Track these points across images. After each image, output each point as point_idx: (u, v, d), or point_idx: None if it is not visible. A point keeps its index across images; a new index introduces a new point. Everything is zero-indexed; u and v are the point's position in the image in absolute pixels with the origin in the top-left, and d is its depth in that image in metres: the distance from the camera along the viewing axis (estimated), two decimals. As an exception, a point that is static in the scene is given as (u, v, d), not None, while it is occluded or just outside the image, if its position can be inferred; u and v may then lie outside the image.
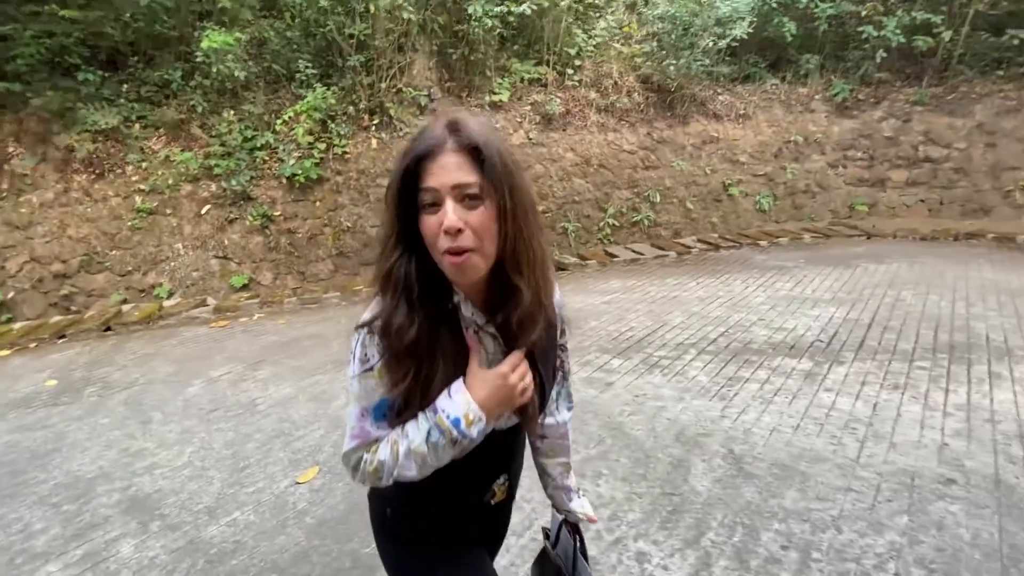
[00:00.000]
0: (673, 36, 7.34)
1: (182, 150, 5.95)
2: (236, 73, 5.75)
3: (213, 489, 2.39)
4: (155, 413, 3.12)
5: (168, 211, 5.84)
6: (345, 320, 4.74)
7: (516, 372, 0.77)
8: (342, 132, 6.22)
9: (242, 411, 3.07)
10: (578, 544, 1.06)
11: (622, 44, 8.10)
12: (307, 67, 6.22)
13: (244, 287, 5.82)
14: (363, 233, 6.25)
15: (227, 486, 2.40)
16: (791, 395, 2.78)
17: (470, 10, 6.09)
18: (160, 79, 6.28)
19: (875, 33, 7.59)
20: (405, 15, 5.66)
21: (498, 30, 6.47)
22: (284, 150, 6.06)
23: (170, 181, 5.84)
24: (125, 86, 6.25)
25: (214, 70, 5.68)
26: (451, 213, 0.69)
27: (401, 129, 6.43)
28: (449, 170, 0.69)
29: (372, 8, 5.57)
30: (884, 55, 7.70)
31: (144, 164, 5.89)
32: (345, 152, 6.25)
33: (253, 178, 6.03)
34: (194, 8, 6.53)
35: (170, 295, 5.62)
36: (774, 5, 7.88)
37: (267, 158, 6.13)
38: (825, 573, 1.65)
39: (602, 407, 2.82)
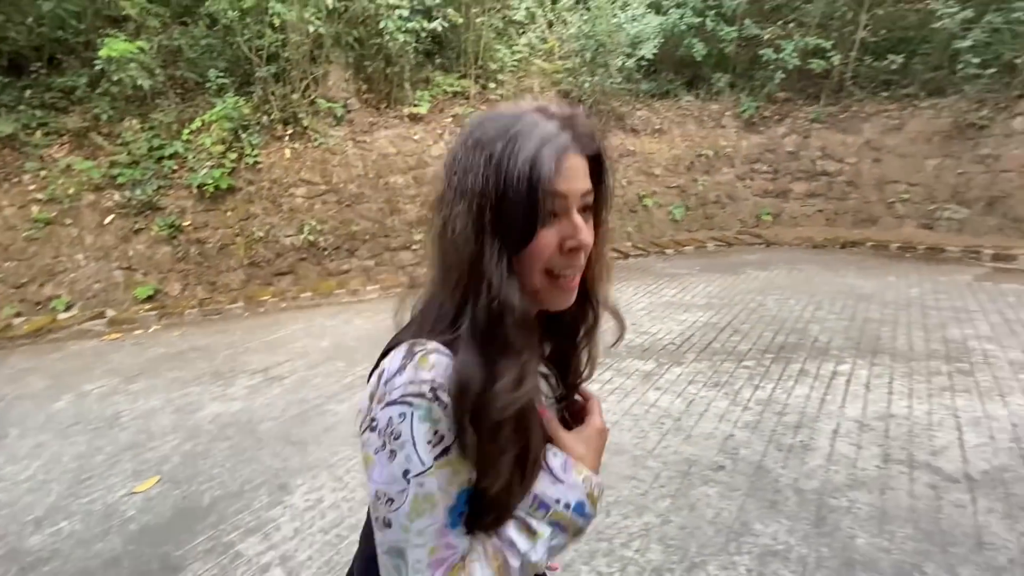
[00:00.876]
0: (588, 54, 7.69)
1: (85, 158, 5.84)
2: (139, 82, 5.69)
3: (48, 501, 2.43)
4: (13, 429, 3.10)
5: (68, 221, 5.71)
6: (240, 332, 4.77)
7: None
8: (254, 142, 6.24)
9: (102, 424, 3.09)
10: None
11: (544, 60, 8.41)
12: (219, 76, 6.21)
13: (149, 298, 5.74)
14: (276, 243, 6.26)
15: (62, 498, 2.44)
16: (624, 394, 3.03)
17: (382, 25, 6.23)
18: (65, 85, 6.15)
19: (774, 56, 8.16)
20: (311, 28, 5.75)
21: (413, 44, 6.63)
22: (194, 159, 6.03)
23: (71, 190, 5.71)
24: (28, 92, 6.09)
25: (115, 78, 5.61)
26: (584, 226, 0.57)
27: (315, 139, 6.50)
28: (579, 174, 0.57)
29: (277, 21, 5.63)
30: (783, 76, 8.28)
31: (43, 173, 5.74)
32: (257, 162, 6.27)
33: (161, 187, 5.97)
34: (107, 13, 6.42)
35: (68, 307, 5.49)
36: (684, 27, 8.36)
37: (177, 167, 6.08)
38: (578, 551, 1.86)
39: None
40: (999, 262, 5.72)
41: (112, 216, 5.84)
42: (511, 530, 0.57)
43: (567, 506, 0.58)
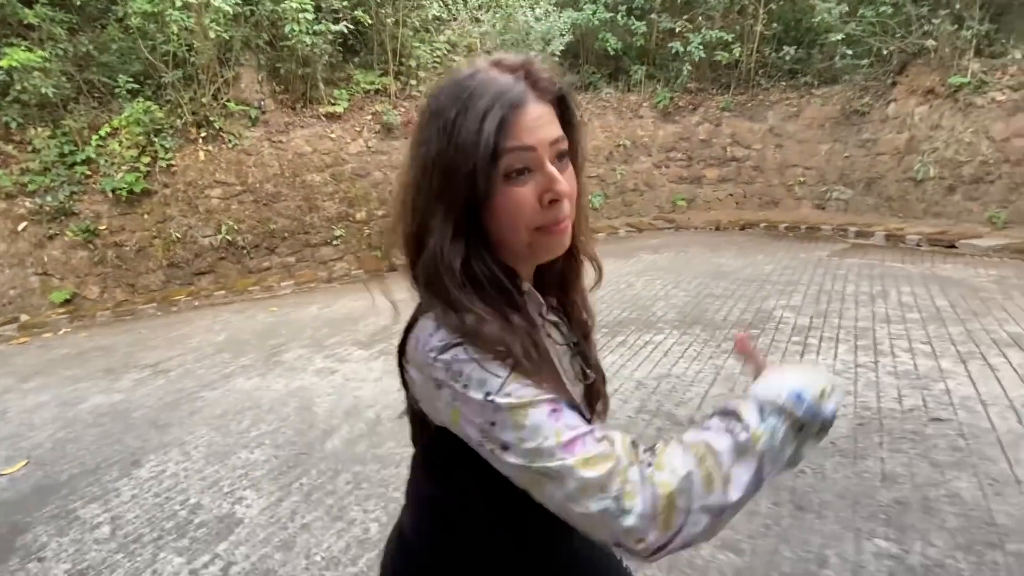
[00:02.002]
0: (505, 50, 8.00)
1: (-5, 167, 5.94)
2: (43, 90, 5.80)
3: (-81, 487, 2.71)
4: (-100, 427, 3.34)
5: (-21, 230, 5.83)
6: (147, 331, 5.02)
7: None
8: (167, 145, 6.41)
9: (-13, 419, 3.36)
10: None
11: (465, 56, 8.67)
12: (128, 81, 6.34)
13: (67, 302, 5.92)
14: (194, 243, 6.48)
15: (-68, 483, 2.73)
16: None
17: (287, 29, 6.43)
18: (-28, 95, 6.20)
19: (682, 49, 8.59)
20: (212, 35, 5.93)
21: (322, 46, 6.84)
22: (107, 164, 6.18)
23: (-19, 199, 5.82)
24: (-66, 103, 6.12)
25: (18, 87, 5.72)
26: (559, 176, 0.55)
27: (230, 141, 6.69)
28: (544, 123, 0.56)
29: (175, 28, 5.79)
30: (691, 68, 8.73)
31: (-49, 183, 5.84)
32: (172, 165, 6.45)
33: (75, 193, 6.12)
34: (15, 18, 6.44)
35: (-17, 313, 5.64)
36: (597, 22, 8.72)
37: (90, 173, 6.22)
38: (367, 494, 2.25)
39: (309, 391, 3.37)
40: (860, 238, 6.29)
41: (25, 223, 5.98)
42: (710, 421, 0.54)
43: (778, 395, 0.54)
